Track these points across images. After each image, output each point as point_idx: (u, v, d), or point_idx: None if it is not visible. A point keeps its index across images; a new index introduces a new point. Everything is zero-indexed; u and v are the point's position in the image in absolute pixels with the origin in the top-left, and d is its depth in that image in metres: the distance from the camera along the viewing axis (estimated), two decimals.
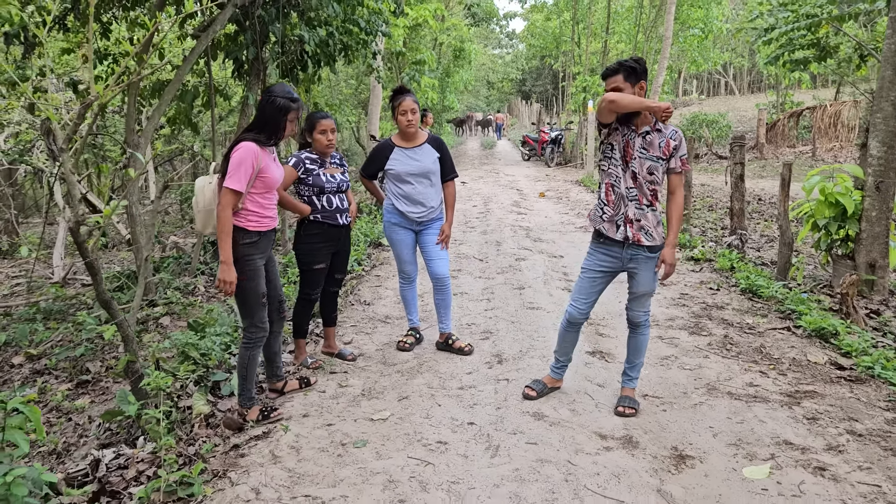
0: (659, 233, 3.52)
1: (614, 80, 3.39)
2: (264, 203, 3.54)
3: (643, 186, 3.47)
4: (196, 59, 6.84)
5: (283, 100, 3.45)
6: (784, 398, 3.88)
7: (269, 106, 3.45)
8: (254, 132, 3.46)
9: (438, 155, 4.58)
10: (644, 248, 3.51)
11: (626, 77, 3.38)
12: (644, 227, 3.49)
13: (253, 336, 3.61)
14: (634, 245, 3.51)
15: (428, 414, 3.74)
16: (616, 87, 3.37)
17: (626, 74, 3.38)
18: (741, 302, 5.82)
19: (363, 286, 6.55)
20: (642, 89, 3.42)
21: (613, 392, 3.98)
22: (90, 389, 4.99)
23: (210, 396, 4.11)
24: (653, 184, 3.46)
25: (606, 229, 3.55)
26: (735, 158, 7.35)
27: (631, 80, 3.38)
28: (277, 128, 3.48)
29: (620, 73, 3.38)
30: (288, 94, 3.47)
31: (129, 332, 4.06)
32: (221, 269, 3.39)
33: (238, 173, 3.33)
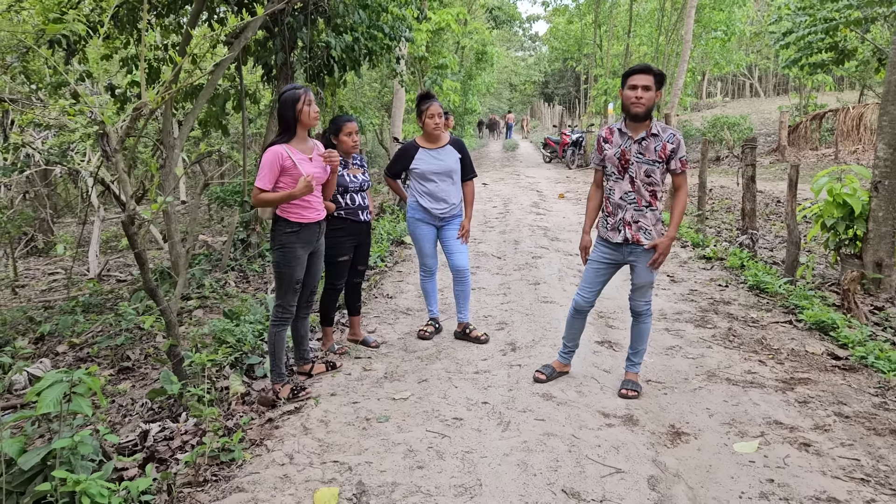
0: (658, 230, 3.80)
1: (647, 78, 3.58)
2: (305, 199, 3.90)
3: (641, 189, 3.75)
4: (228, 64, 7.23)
5: (288, 93, 3.81)
6: (779, 384, 4.14)
7: (280, 105, 3.84)
8: (279, 133, 3.86)
9: (460, 156, 4.91)
10: (642, 246, 3.80)
11: (656, 81, 3.61)
12: (643, 227, 3.77)
13: (279, 315, 3.98)
14: (634, 243, 3.80)
15: (445, 394, 4.06)
16: (647, 86, 3.59)
17: (656, 79, 3.61)
18: (748, 298, 6.06)
19: (386, 281, 6.90)
20: (658, 96, 3.69)
21: (618, 377, 4.26)
22: (130, 375, 5.38)
23: (245, 378, 4.48)
24: (651, 185, 3.75)
25: (611, 237, 3.86)
26: (747, 160, 7.57)
27: (657, 86, 3.62)
28: (293, 117, 3.81)
29: (652, 76, 3.60)
30: (292, 87, 3.83)
31: (172, 317, 4.43)
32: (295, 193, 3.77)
33: (263, 173, 3.74)
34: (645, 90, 3.60)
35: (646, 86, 3.60)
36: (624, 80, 3.70)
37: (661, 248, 3.76)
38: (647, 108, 3.63)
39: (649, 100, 3.62)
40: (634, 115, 3.65)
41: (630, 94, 3.64)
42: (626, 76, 3.69)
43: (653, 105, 3.66)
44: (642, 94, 3.60)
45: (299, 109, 3.84)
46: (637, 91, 3.61)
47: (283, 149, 3.77)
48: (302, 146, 3.91)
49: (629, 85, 3.65)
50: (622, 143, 3.77)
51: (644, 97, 3.60)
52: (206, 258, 8.70)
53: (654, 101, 3.65)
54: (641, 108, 3.62)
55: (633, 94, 3.62)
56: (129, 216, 3.95)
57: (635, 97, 3.62)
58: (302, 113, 3.85)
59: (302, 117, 3.85)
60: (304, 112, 3.85)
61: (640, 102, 3.61)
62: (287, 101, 3.84)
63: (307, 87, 3.91)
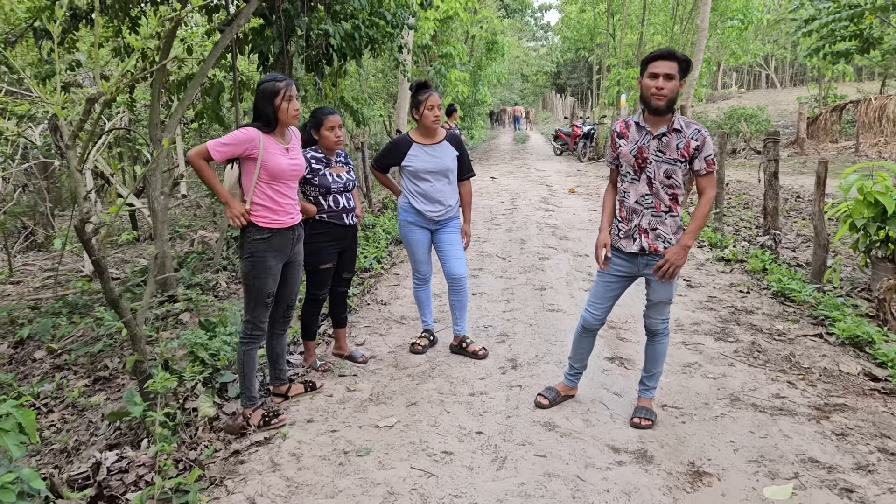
0: (678, 239, 3.33)
1: (670, 65, 3.11)
2: (275, 197, 3.47)
3: (660, 192, 3.27)
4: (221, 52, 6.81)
5: (267, 84, 3.38)
6: (812, 411, 3.67)
7: (258, 98, 3.40)
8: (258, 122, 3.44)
9: (457, 153, 4.46)
10: (661, 256, 3.33)
11: (680, 69, 3.14)
12: (661, 235, 3.30)
13: (249, 333, 3.55)
14: (651, 254, 3.33)
15: (436, 421, 3.62)
16: (669, 74, 3.12)
17: (680, 66, 3.14)
18: (772, 306, 5.58)
19: (381, 285, 6.45)
20: (681, 87, 3.21)
21: (630, 402, 3.81)
22: (106, 386, 4.98)
23: (217, 398, 4.06)
24: (672, 188, 3.26)
25: (624, 246, 3.38)
26: (769, 155, 7.06)
27: (681, 74, 3.15)
28: (272, 113, 3.40)
29: (676, 62, 3.12)
30: (272, 78, 3.41)
31: (137, 331, 4.02)
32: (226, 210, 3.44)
33: (223, 142, 3.32)
34: (667, 79, 3.12)
35: (668, 74, 3.12)
36: (643, 67, 3.21)
37: (670, 256, 3.25)
38: (668, 100, 3.15)
39: (672, 90, 3.13)
40: (655, 107, 3.17)
41: (650, 83, 3.15)
42: (646, 62, 3.20)
43: (676, 96, 3.17)
44: (664, 83, 3.12)
45: (277, 105, 3.40)
46: (658, 80, 3.13)
47: (258, 134, 3.37)
48: (279, 138, 3.49)
49: (649, 73, 3.16)
50: (639, 139, 3.29)
51: (666, 87, 3.12)
52: (200, 256, 8.30)
53: (677, 92, 3.17)
54: (662, 100, 3.14)
55: (654, 84, 3.13)
56: (82, 219, 3.53)
57: (656, 87, 3.13)
58: (280, 110, 3.41)
59: (280, 114, 3.42)
60: (283, 109, 3.42)
61: (661, 93, 3.12)
62: (265, 94, 3.39)
63: (289, 79, 3.46)
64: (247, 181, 3.42)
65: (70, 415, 4.53)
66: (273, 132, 3.44)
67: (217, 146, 3.30)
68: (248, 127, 3.37)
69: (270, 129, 3.42)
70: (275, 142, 3.43)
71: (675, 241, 3.30)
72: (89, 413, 4.49)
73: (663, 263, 3.25)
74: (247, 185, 3.43)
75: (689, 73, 3.24)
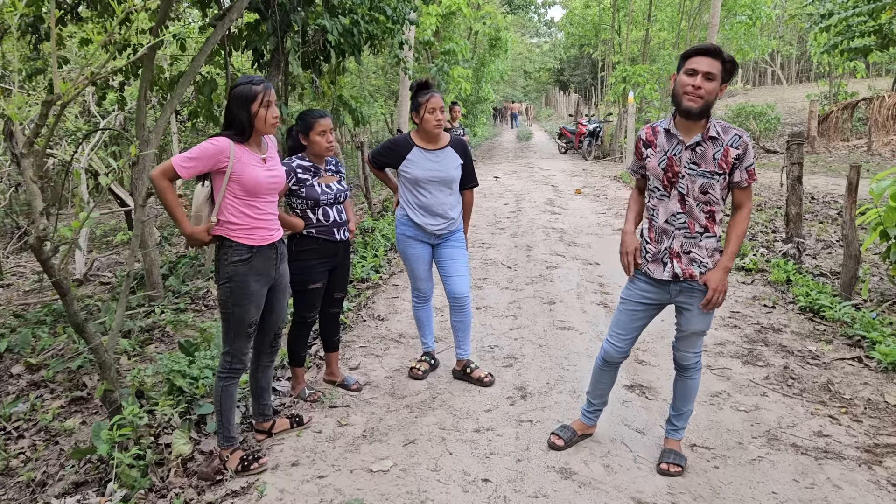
0: (717, 262, 2.91)
1: (713, 63, 2.68)
2: (251, 213, 3.04)
3: (694, 210, 2.84)
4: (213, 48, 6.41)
5: (243, 87, 2.95)
6: (861, 454, 3.25)
7: (231, 102, 2.97)
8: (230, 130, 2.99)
9: (462, 162, 4.02)
10: (696, 282, 2.90)
11: (724, 70, 2.70)
12: (696, 259, 2.87)
13: (229, 367, 3.13)
14: (685, 280, 2.90)
15: (436, 465, 3.21)
16: (710, 74, 2.68)
17: (725, 67, 2.70)
18: (801, 323, 5.15)
19: (379, 298, 6.03)
20: (722, 92, 2.77)
21: (655, 440, 3.39)
22: (83, 407, 4.58)
23: (195, 432, 3.65)
24: (708, 204, 2.83)
25: (653, 270, 2.95)
26: (793, 158, 6.63)
27: (724, 76, 2.72)
28: (247, 120, 2.97)
29: (720, 62, 2.69)
30: (248, 81, 2.97)
31: (107, 357, 3.63)
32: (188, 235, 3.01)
33: (189, 156, 2.88)
34: (707, 79, 2.68)
35: (709, 73, 2.68)
36: (682, 62, 2.77)
37: (715, 284, 2.82)
38: (705, 103, 2.70)
39: (710, 92, 2.69)
40: (686, 108, 2.72)
41: (686, 80, 2.71)
42: (686, 57, 2.76)
43: (713, 100, 2.74)
44: (702, 83, 2.68)
45: (254, 112, 2.97)
46: (696, 78, 2.69)
47: (229, 144, 2.92)
48: (254, 147, 3.06)
49: (687, 68, 2.72)
50: (669, 149, 2.86)
51: (704, 88, 2.68)
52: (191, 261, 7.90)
53: (715, 96, 2.73)
54: (697, 102, 2.70)
55: (691, 82, 2.69)
56: (38, 237, 3.13)
57: (692, 85, 2.69)
58: (257, 117, 2.98)
59: (256, 122, 2.98)
60: (261, 116, 2.98)
61: (698, 93, 2.68)
62: (240, 99, 2.95)
63: (267, 82, 3.03)
64: (219, 197, 3.00)
65: (41, 441, 4.13)
66: (247, 141, 3.02)
67: (183, 162, 2.86)
68: (218, 136, 2.94)
69: (244, 138, 2.99)
70: (249, 152, 3.00)
71: (712, 265, 2.87)
72: (62, 440, 4.09)
73: (711, 295, 2.81)
74: (216, 199, 3.01)
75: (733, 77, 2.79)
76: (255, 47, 7.32)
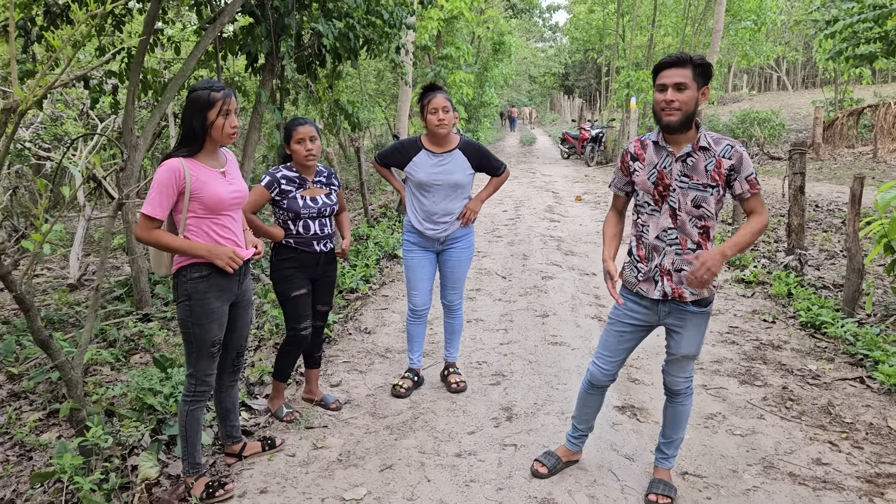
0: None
1: (681, 73, 2.53)
2: (215, 231, 2.86)
3: (686, 225, 2.68)
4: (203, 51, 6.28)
5: (201, 92, 2.73)
6: (862, 485, 3.07)
7: (188, 106, 2.73)
8: (181, 143, 2.77)
9: (472, 171, 3.89)
10: (687, 304, 2.73)
11: (696, 75, 2.54)
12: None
13: (194, 391, 2.96)
14: (675, 300, 2.73)
15: (413, 493, 3.04)
16: (680, 84, 2.53)
17: (696, 71, 2.54)
18: (802, 339, 4.97)
19: (367, 309, 5.85)
20: (705, 96, 2.61)
21: (644, 467, 3.22)
22: (62, 420, 4.42)
23: (164, 453, 3.50)
24: (701, 219, 2.66)
25: (644, 290, 2.78)
26: (795, 168, 6.45)
27: (699, 81, 2.55)
28: (201, 128, 2.74)
29: (689, 68, 2.53)
30: (208, 86, 2.75)
31: (73, 375, 3.49)
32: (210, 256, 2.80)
33: (153, 196, 2.66)
34: (678, 90, 2.52)
35: (679, 84, 2.52)
36: (653, 78, 2.63)
37: (705, 259, 2.50)
38: (684, 115, 2.54)
39: (686, 102, 2.53)
40: (666, 124, 2.57)
41: (659, 97, 2.57)
42: (655, 72, 2.61)
43: (694, 109, 2.56)
44: (674, 95, 2.52)
45: (211, 121, 2.73)
46: (667, 93, 2.53)
47: (181, 164, 2.70)
48: (210, 160, 2.85)
49: (657, 84, 2.58)
50: (659, 162, 2.69)
51: (678, 100, 2.52)
52: None
53: (694, 104, 2.55)
54: (675, 115, 2.54)
55: (663, 97, 2.54)
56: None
57: (664, 101, 2.54)
58: (213, 126, 2.75)
59: (213, 132, 2.76)
60: (217, 125, 2.75)
61: (673, 107, 2.52)
62: (197, 104, 2.71)
63: (228, 89, 2.83)
64: (178, 217, 2.80)
65: (16, 455, 3.99)
66: (199, 154, 2.80)
67: (151, 206, 2.65)
68: (166, 160, 2.71)
69: (195, 149, 2.77)
70: (205, 167, 2.79)
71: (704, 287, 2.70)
72: (36, 455, 3.95)
73: (697, 268, 2.52)
74: (179, 221, 2.81)
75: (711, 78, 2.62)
76: (250, 51, 7.19)
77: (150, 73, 7.77)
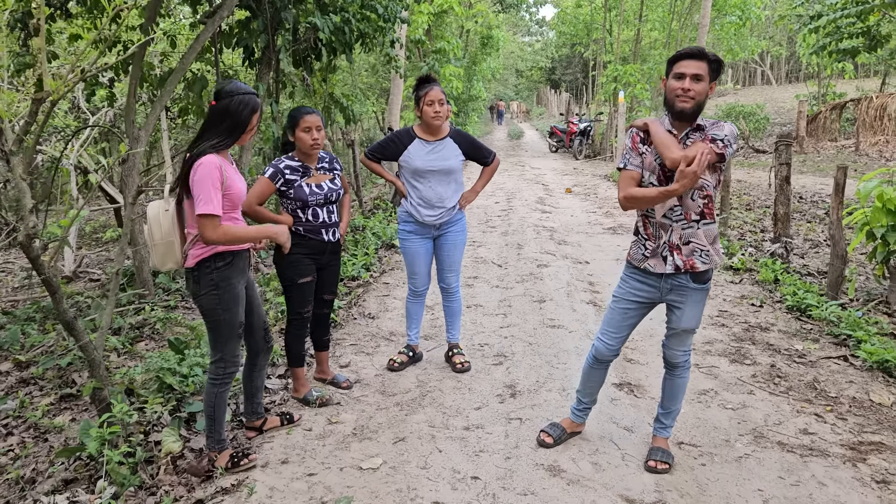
0: (717, 250, 2.95)
1: (699, 65, 2.74)
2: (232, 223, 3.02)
3: (688, 200, 2.89)
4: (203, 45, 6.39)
5: (250, 97, 2.90)
6: (846, 451, 3.29)
7: (239, 106, 2.86)
8: (216, 139, 2.88)
9: (462, 157, 4.14)
10: (690, 276, 2.93)
11: (711, 70, 2.76)
12: (697, 248, 2.90)
13: (223, 372, 3.11)
14: (687, 272, 2.93)
15: (426, 462, 3.22)
16: (698, 75, 2.73)
17: (711, 66, 2.75)
18: (788, 322, 5.20)
19: (369, 296, 6.03)
20: (712, 90, 2.83)
21: (643, 438, 3.42)
22: (73, 404, 4.56)
23: (185, 430, 3.65)
24: (702, 189, 2.86)
25: (653, 266, 2.97)
26: (781, 159, 6.68)
27: (712, 76, 2.77)
28: (244, 129, 2.93)
29: (706, 62, 2.74)
30: (250, 91, 2.93)
31: (96, 355, 3.62)
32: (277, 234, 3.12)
33: (209, 194, 2.76)
34: (695, 80, 2.73)
35: (697, 75, 2.73)
36: (669, 67, 2.83)
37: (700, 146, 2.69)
38: (696, 104, 2.75)
39: (700, 93, 2.74)
40: (679, 110, 2.78)
41: (675, 84, 2.77)
42: (672, 62, 2.82)
43: (704, 100, 2.78)
44: (691, 85, 2.73)
45: (253, 125, 2.94)
46: (685, 81, 2.74)
47: (218, 160, 2.84)
48: (228, 156, 3.03)
49: (675, 73, 2.78)
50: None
51: (694, 89, 2.73)
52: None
53: (705, 96, 2.77)
54: (689, 103, 2.75)
55: (680, 85, 2.75)
56: (28, 234, 3.12)
57: (682, 88, 2.74)
58: (253, 127, 2.96)
59: (248, 134, 2.95)
60: (252, 127, 2.96)
61: (688, 96, 2.73)
62: (247, 106, 2.88)
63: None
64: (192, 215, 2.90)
65: (31, 438, 4.12)
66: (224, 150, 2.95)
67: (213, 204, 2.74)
68: (203, 157, 2.81)
69: (227, 146, 2.92)
70: (227, 162, 2.95)
71: (714, 253, 2.91)
72: (51, 437, 4.08)
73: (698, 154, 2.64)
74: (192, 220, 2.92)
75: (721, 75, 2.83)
76: (246, 45, 7.30)
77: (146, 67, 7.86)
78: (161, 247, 2.97)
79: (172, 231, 2.94)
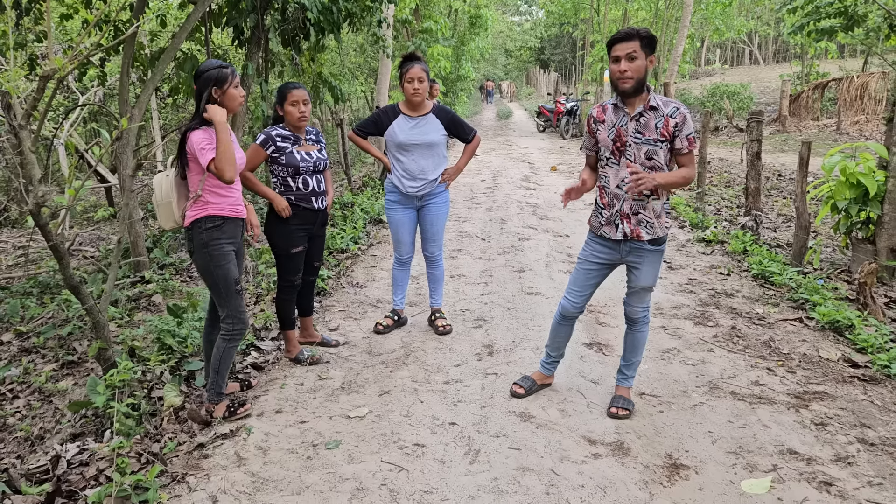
0: (662, 223, 3.23)
1: (631, 45, 2.98)
2: (226, 192, 3.32)
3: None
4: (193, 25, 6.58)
5: (212, 71, 3.19)
6: (791, 399, 3.61)
7: (203, 84, 3.20)
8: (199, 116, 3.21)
9: (444, 132, 4.39)
10: (643, 243, 3.23)
11: (643, 46, 3.01)
12: (643, 220, 3.20)
13: (231, 328, 3.39)
14: (633, 239, 3.23)
15: (408, 412, 3.52)
16: (630, 55, 3.00)
17: (643, 43, 3.01)
18: (752, 289, 5.52)
19: (357, 267, 6.31)
20: (652, 64, 3.09)
21: (608, 390, 3.73)
22: (74, 370, 4.82)
23: (185, 387, 3.93)
24: (654, 169, 3.15)
25: (607, 233, 3.28)
26: (752, 135, 6.97)
27: (646, 51, 3.03)
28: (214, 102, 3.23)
29: (637, 41, 3.00)
30: (216, 65, 3.22)
31: (101, 318, 3.87)
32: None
33: (205, 151, 3.13)
34: (629, 60, 3.00)
35: (630, 54, 3.00)
36: (608, 53, 3.11)
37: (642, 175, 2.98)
38: (636, 81, 3.03)
39: (637, 70, 3.01)
40: (623, 90, 3.07)
41: (614, 68, 3.06)
42: (608, 47, 3.09)
43: (644, 75, 3.05)
44: (626, 65, 3.00)
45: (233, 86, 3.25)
46: (620, 63, 3.02)
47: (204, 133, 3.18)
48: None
49: (612, 57, 3.07)
50: (617, 121, 3.17)
51: (629, 68, 3.00)
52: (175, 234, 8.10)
53: (644, 71, 3.04)
54: (628, 83, 3.03)
55: (617, 68, 3.03)
56: (37, 203, 3.36)
57: (619, 71, 3.03)
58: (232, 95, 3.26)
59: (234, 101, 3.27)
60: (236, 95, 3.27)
61: (626, 76, 3.02)
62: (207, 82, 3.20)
63: (233, 65, 3.31)
64: (194, 181, 3.25)
65: (36, 401, 4.38)
66: None
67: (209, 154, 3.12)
68: (193, 131, 3.17)
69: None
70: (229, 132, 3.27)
71: (658, 226, 3.20)
72: (56, 399, 4.35)
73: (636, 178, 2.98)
74: (193, 184, 3.25)
75: (672, 50, 3.12)
76: (236, 24, 7.47)
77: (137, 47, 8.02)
78: (162, 207, 3.33)
79: (171, 193, 3.29)
